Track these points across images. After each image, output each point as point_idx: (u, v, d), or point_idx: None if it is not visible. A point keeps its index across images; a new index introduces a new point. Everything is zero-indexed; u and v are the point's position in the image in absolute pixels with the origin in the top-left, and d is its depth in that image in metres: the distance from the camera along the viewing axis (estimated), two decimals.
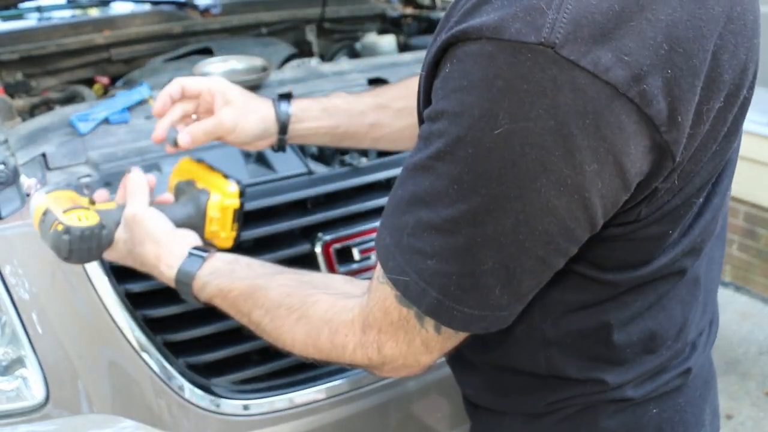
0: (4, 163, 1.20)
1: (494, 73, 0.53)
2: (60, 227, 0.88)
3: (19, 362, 1.11)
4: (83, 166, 1.23)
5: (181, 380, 1.16)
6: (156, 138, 1.02)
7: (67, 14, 2.10)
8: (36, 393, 1.11)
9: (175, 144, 1.01)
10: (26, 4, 2.02)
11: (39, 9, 2.06)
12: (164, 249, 0.92)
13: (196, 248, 0.92)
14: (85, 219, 0.90)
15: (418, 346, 0.68)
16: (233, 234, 1.05)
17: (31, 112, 1.65)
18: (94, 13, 2.15)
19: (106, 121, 1.36)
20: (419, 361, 0.70)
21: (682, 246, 0.72)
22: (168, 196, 1.04)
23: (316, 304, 0.76)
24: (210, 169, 1.05)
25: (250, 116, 1.04)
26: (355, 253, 1.26)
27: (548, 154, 0.54)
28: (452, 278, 0.61)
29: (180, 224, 0.97)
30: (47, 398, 1.11)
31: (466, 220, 0.59)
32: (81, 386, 1.13)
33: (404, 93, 1.12)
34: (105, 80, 1.88)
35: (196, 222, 1.00)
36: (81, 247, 0.89)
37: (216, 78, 1.05)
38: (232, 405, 1.20)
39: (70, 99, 1.67)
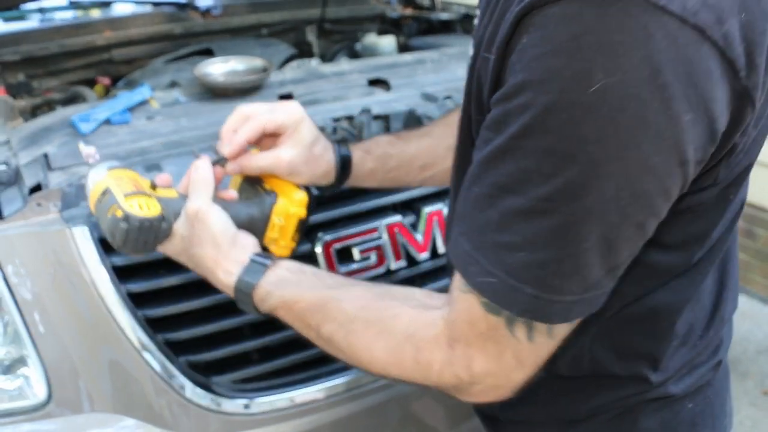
0: (6, 164, 1.20)
1: (582, 29, 0.52)
2: (119, 213, 0.81)
3: (21, 361, 1.12)
4: (85, 166, 1.23)
5: (182, 379, 1.16)
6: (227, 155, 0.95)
7: (68, 15, 2.12)
8: (38, 392, 1.12)
9: (217, 162, 0.94)
10: (28, 5, 2.03)
11: (41, 10, 2.07)
12: (224, 253, 0.84)
13: (258, 254, 0.85)
14: (146, 208, 0.82)
15: (509, 360, 0.65)
16: (293, 245, 0.98)
17: (33, 112, 1.66)
18: (96, 14, 2.16)
19: (107, 121, 1.37)
20: (510, 378, 0.66)
21: (729, 214, 0.70)
22: (232, 193, 0.96)
23: (397, 317, 0.70)
24: None
25: (310, 165, 0.97)
26: (355, 253, 1.26)
27: (646, 107, 0.52)
28: (549, 267, 0.58)
29: (240, 225, 0.90)
30: (49, 397, 1.11)
31: (563, 196, 0.55)
32: (82, 385, 1.13)
33: (452, 130, 1.06)
34: (106, 81, 1.89)
35: (257, 224, 0.93)
36: (138, 237, 0.82)
37: (292, 107, 0.97)
38: (232, 404, 1.20)
39: (72, 99, 1.68)
